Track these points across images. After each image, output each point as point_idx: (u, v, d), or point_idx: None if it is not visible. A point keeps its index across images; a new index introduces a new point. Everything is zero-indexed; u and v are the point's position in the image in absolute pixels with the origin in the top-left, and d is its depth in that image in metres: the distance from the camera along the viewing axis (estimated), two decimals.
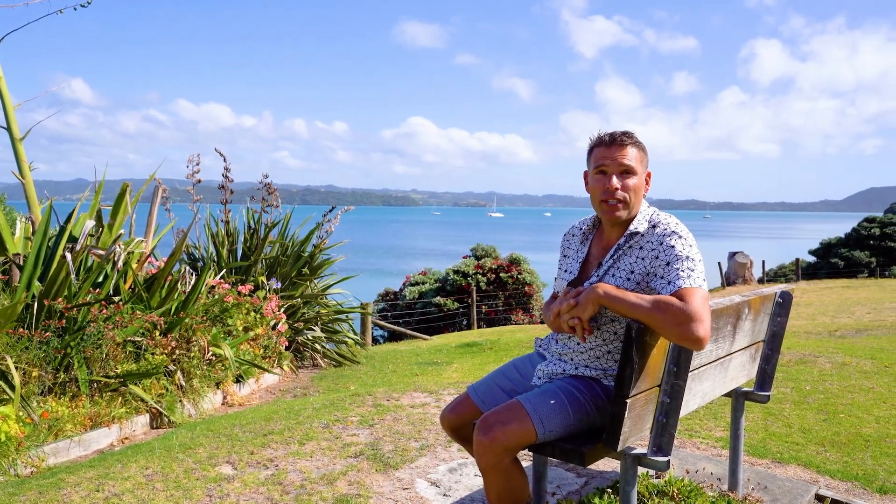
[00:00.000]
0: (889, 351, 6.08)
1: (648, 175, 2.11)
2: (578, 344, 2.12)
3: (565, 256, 2.27)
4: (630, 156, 2.03)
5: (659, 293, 1.90)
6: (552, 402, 2.00)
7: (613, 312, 1.96)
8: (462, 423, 2.29)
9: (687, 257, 1.92)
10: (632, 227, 2.05)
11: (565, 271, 2.22)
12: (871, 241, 30.26)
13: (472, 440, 2.20)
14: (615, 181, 2.02)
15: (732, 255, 24.23)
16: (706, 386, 2.27)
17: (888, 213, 36.35)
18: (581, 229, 2.26)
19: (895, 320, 9.49)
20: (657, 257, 1.97)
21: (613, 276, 2.04)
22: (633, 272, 2.01)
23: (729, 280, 23.24)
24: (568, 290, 2.07)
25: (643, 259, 2.00)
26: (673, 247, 1.95)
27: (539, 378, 2.20)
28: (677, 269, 1.91)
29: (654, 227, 2.03)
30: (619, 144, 2.04)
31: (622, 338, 2.04)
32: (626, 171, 2.03)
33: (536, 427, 1.96)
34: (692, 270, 1.90)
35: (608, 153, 2.04)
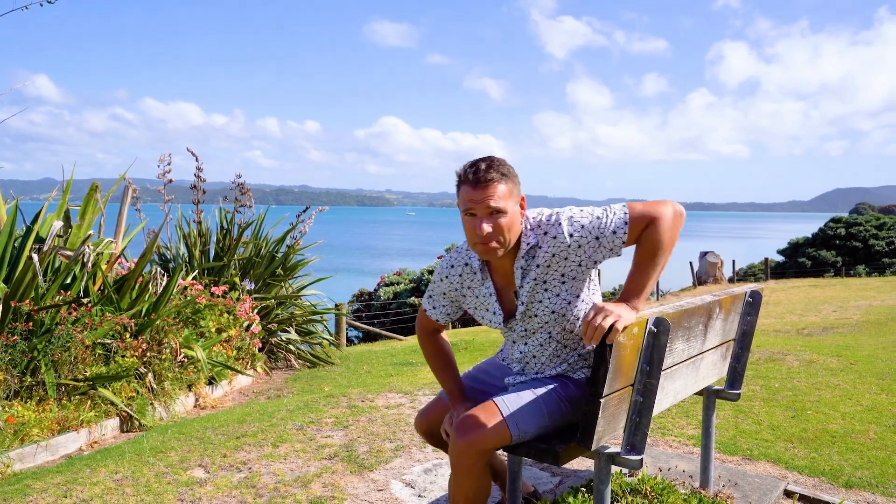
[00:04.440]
0: (854, 348, 6.23)
1: (522, 199, 2.00)
2: (535, 357, 2.14)
3: (471, 291, 2.13)
4: (498, 194, 1.89)
5: (612, 250, 1.93)
6: (526, 402, 2.01)
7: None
8: (437, 428, 2.28)
9: (598, 217, 1.93)
10: (524, 249, 1.98)
11: (486, 310, 2.12)
12: (837, 241, 30.96)
13: (447, 443, 2.21)
14: (486, 226, 1.89)
15: (703, 254, 24.59)
16: (678, 385, 2.30)
17: (853, 214, 37.24)
18: (477, 261, 2.10)
19: (860, 318, 9.72)
20: (580, 246, 1.94)
21: (547, 290, 2.00)
22: (563, 275, 1.99)
23: (700, 280, 23.58)
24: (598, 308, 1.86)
25: (567, 258, 1.96)
26: (583, 226, 1.93)
27: (512, 387, 2.20)
28: (605, 225, 1.91)
29: (545, 233, 1.97)
30: (485, 184, 1.88)
31: (565, 342, 2.09)
32: (496, 212, 1.90)
33: (511, 429, 1.96)
34: (608, 211, 1.93)
35: (475, 195, 1.90)
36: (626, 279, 1.98)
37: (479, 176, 1.89)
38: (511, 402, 2.01)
